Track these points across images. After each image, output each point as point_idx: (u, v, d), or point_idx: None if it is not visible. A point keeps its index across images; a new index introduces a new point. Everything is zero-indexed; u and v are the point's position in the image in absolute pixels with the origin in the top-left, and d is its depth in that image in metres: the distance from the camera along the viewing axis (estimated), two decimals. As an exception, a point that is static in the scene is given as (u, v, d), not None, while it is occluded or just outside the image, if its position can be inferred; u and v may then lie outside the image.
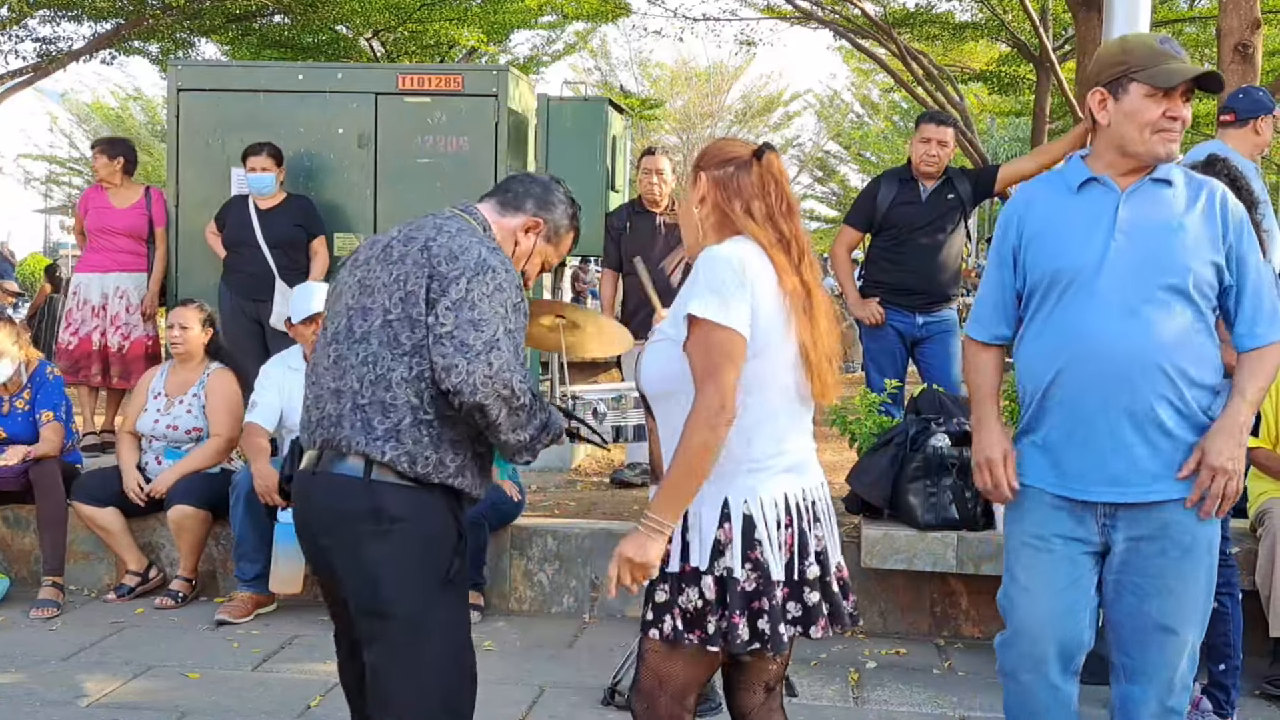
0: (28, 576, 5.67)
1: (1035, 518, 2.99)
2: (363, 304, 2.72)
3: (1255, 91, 5.22)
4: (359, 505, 2.67)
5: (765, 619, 2.54)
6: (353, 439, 2.67)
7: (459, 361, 2.59)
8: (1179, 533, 2.88)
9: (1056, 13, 14.50)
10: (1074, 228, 2.92)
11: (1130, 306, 2.83)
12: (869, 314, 5.96)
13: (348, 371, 2.69)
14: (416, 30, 15.42)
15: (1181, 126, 2.85)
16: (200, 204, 7.18)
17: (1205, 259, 2.84)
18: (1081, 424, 2.89)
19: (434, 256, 2.67)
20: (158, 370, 5.74)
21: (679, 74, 31.79)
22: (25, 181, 33.96)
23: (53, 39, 13.90)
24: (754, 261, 2.52)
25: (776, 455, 2.59)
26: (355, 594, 2.76)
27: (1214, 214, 2.87)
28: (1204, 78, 2.84)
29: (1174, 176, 2.90)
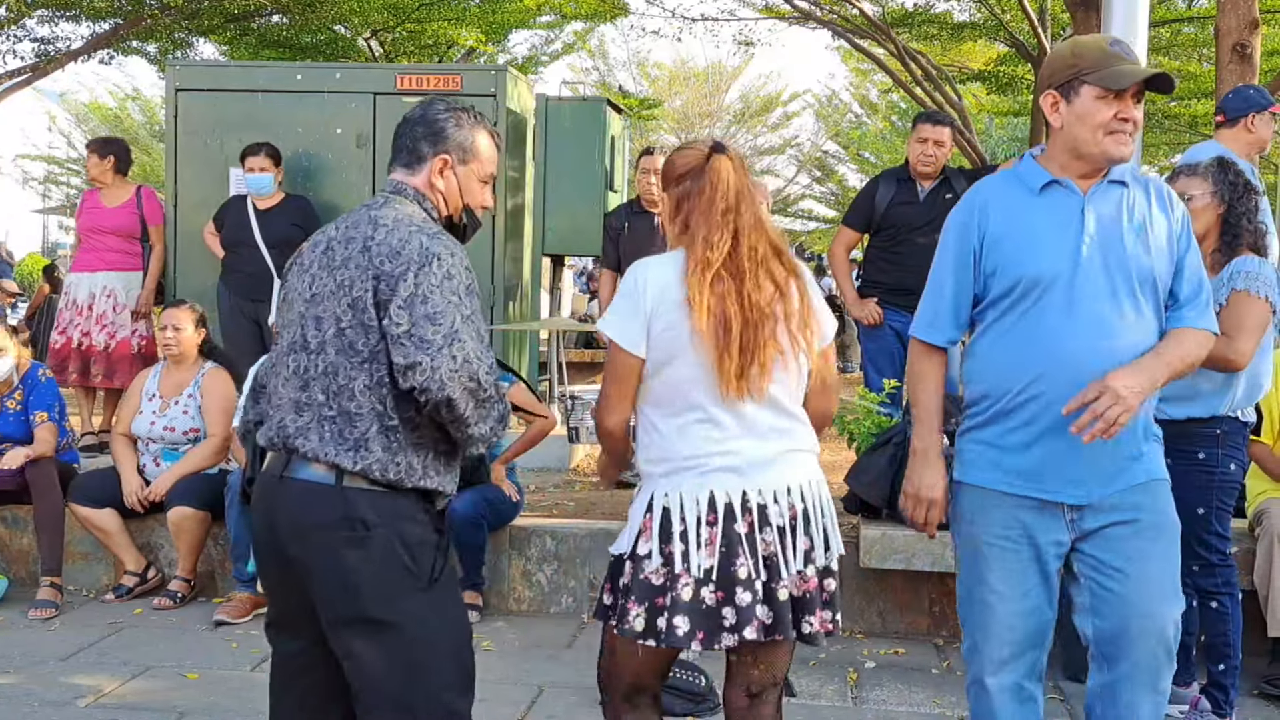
0: (26, 577, 5.67)
1: (999, 518, 2.97)
2: (314, 313, 2.66)
3: (1245, 90, 5.22)
4: (332, 513, 2.61)
5: (665, 615, 2.65)
6: (322, 450, 2.60)
7: (421, 359, 2.53)
8: (1148, 513, 2.91)
9: (1055, 12, 14.50)
10: (1041, 232, 2.90)
11: (1105, 313, 2.84)
12: (867, 314, 5.96)
13: (310, 383, 2.64)
14: (415, 30, 15.41)
15: (1133, 128, 2.84)
16: (198, 204, 7.18)
17: (1165, 258, 2.89)
18: (1054, 432, 2.87)
19: (375, 256, 2.60)
20: (150, 371, 5.73)
21: (677, 74, 31.78)
22: (23, 181, 33.98)
23: (51, 39, 13.89)
24: (659, 281, 2.69)
25: (712, 456, 2.69)
26: (331, 604, 2.65)
27: (1167, 212, 2.92)
28: (1155, 79, 2.84)
29: (1126, 177, 2.92)
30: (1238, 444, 4.08)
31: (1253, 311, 3.90)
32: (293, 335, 2.71)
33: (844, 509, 5.44)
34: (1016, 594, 2.96)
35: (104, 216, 7.04)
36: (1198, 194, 4.03)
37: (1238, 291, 3.92)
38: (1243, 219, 4.02)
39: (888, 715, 4.33)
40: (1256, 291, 3.91)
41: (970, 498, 3.04)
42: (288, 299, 2.76)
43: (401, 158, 2.82)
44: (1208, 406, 4.01)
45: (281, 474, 2.66)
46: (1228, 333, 3.88)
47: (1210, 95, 13.64)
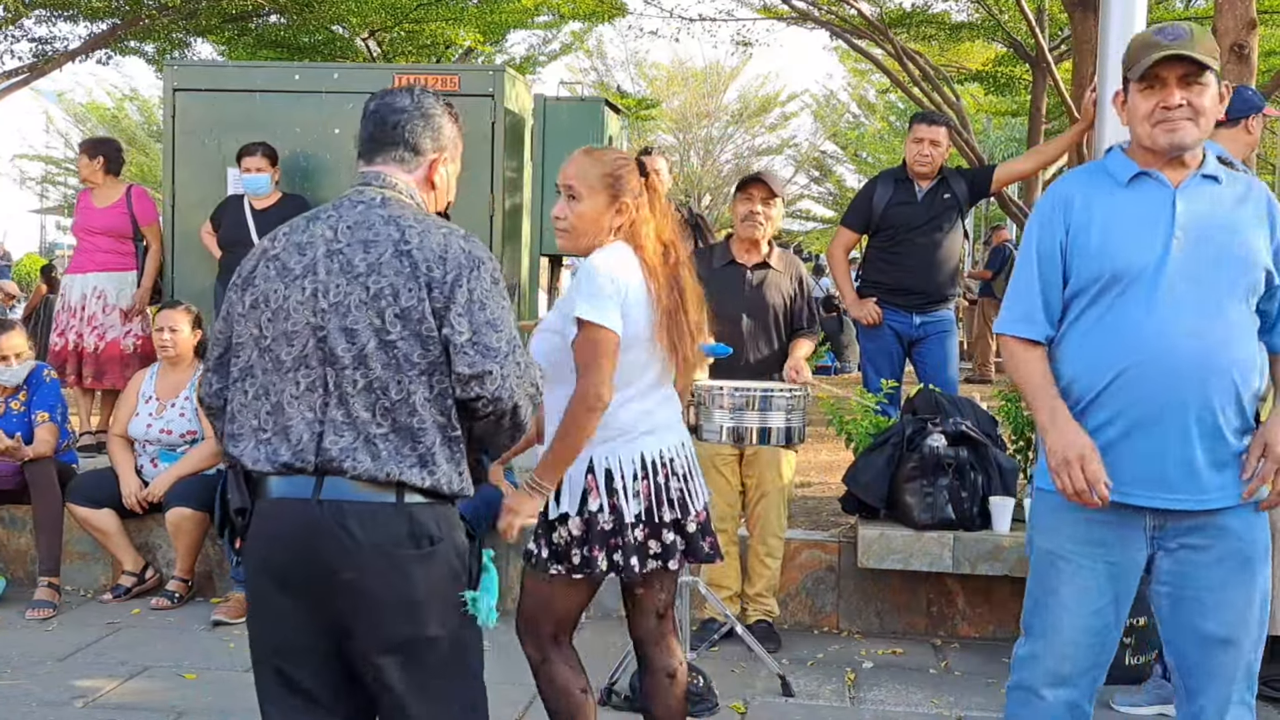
0: (24, 577, 5.67)
1: (1072, 531, 2.89)
2: (341, 324, 2.44)
3: (1245, 91, 5.23)
4: (397, 532, 2.45)
5: (620, 553, 3.11)
6: (379, 469, 2.43)
7: (491, 367, 2.44)
8: (1236, 540, 2.81)
9: (1053, 13, 14.50)
10: (1130, 224, 2.84)
11: (1196, 309, 2.78)
12: (866, 314, 5.96)
13: (347, 400, 2.44)
14: (413, 30, 15.41)
15: (1186, 112, 2.79)
16: (196, 204, 7.17)
17: (1258, 261, 2.82)
18: (1141, 428, 2.79)
19: (419, 263, 2.45)
20: (147, 373, 5.72)
21: (675, 74, 31.78)
22: (21, 181, 33.97)
23: (49, 39, 13.88)
24: (623, 268, 3.07)
25: (639, 424, 3.14)
26: (385, 625, 2.48)
27: (1262, 214, 2.86)
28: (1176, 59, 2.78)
29: (1219, 173, 2.87)
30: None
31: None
32: (300, 348, 2.47)
33: (842, 509, 5.45)
34: (1086, 611, 2.89)
35: (94, 217, 7.05)
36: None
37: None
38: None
39: (885, 715, 4.33)
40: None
41: (1046, 504, 2.93)
42: (273, 309, 2.50)
43: (394, 150, 2.63)
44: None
45: (317, 498, 2.45)
46: None
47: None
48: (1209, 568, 2.81)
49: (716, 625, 4.91)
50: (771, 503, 4.95)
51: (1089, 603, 2.89)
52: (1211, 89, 2.81)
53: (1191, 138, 2.81)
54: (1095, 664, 2.94)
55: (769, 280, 5.12)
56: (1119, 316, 2.82)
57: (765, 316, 5.07)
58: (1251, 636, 2.86)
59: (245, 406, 2.52)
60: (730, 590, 4.99)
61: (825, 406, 5.40)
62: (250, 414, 2.51)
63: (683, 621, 4.53)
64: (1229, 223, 2.83)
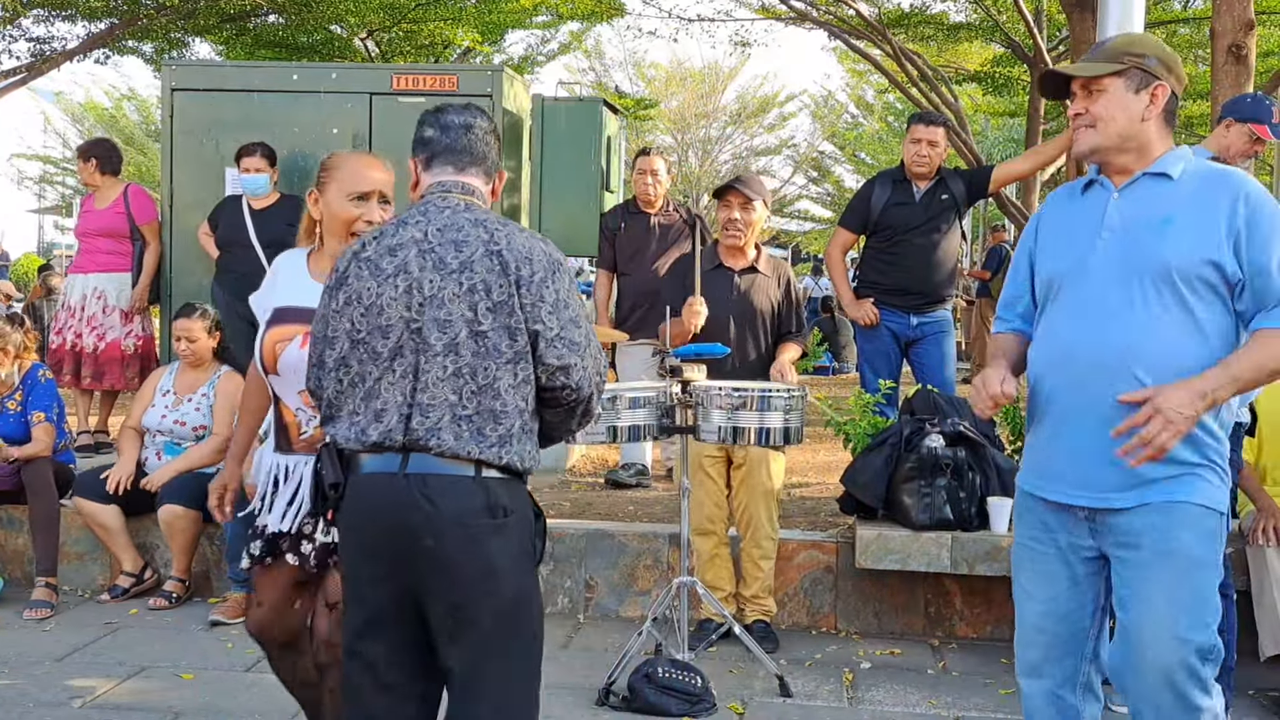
0: (21, 577, 5.66)
1: (1030, 520, 2.97)
2: (435, 316, 2.67)
3: (1245, 97, 5.26)
4: (476, 503, 2.67)
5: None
6: (462, 447, 2.65)
7: (575, 360, 2.70)
8: (1159, 540, 2.76)
9: (1051, 14, 14.50)
10: (1068, 231, 2.93)
11: (1107, 307, 2.79)
12: (863, 315, 5.96)
13: (436, 384, 2.66)
14: (411, 30, 15.38)
15: (1084, 120, 2.84)
16: (194, 204, 7.17)
17: (1197, 253, 2.74)
18: (1059, 427, 2.86)
19: (509, 262, 2.69)
20: (166, 370, 5.79)
21: (674, 74, 31.74)
22: (19, 181, 33.94)
23: (47, 39, 13.84)
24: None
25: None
26: (463, 593, 2.67)
27: (1223, 206, 2.77)
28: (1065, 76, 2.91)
29: (1174, 170, 2.84)
30: (1232, 445, 4.06)
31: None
32: (394, 340, 2.70)
33: (840, 509, 5.45)
34: (1044, 596, 2.93)
35: (93, 218, 7.09)
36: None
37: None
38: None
39: (883, 716, 4.33)
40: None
41: (1017, 500, 3.04)
42: (365, 304, 2.73)
43: (476, 162, 2.91)
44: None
45: (404, 471, 2.67)
46: None
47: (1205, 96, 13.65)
48: (1138, 568, 2.79)
49: (714, 625, 4.91)
50: (762, 504, 4.95)
51: (1045, 587, 2.93)
52: (1111, 94, 2.81)
53: (1090, 144, 2.85)
54: (1068, 652, 2.92)
55: (756, 284, 5.13)
56: (1049, 321, 2.93)
57: (752, 320, 5.08)
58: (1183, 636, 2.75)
59: (340, 393, 2.76)
60: (724, 591, 4.99)
61: (824, 407, 5.40)
62: (345, 399, 2.76)
63: (680, 622, 4.54)
64: (1160, 218, 2.78)
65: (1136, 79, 2.82)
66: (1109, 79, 2.82)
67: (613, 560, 5.40)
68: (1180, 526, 2.76)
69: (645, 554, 5.39)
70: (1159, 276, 2.76)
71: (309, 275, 3.30)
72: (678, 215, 6.76)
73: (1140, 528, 2.77)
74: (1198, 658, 2.76)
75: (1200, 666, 2.77)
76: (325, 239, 3.34)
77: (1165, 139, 2.87)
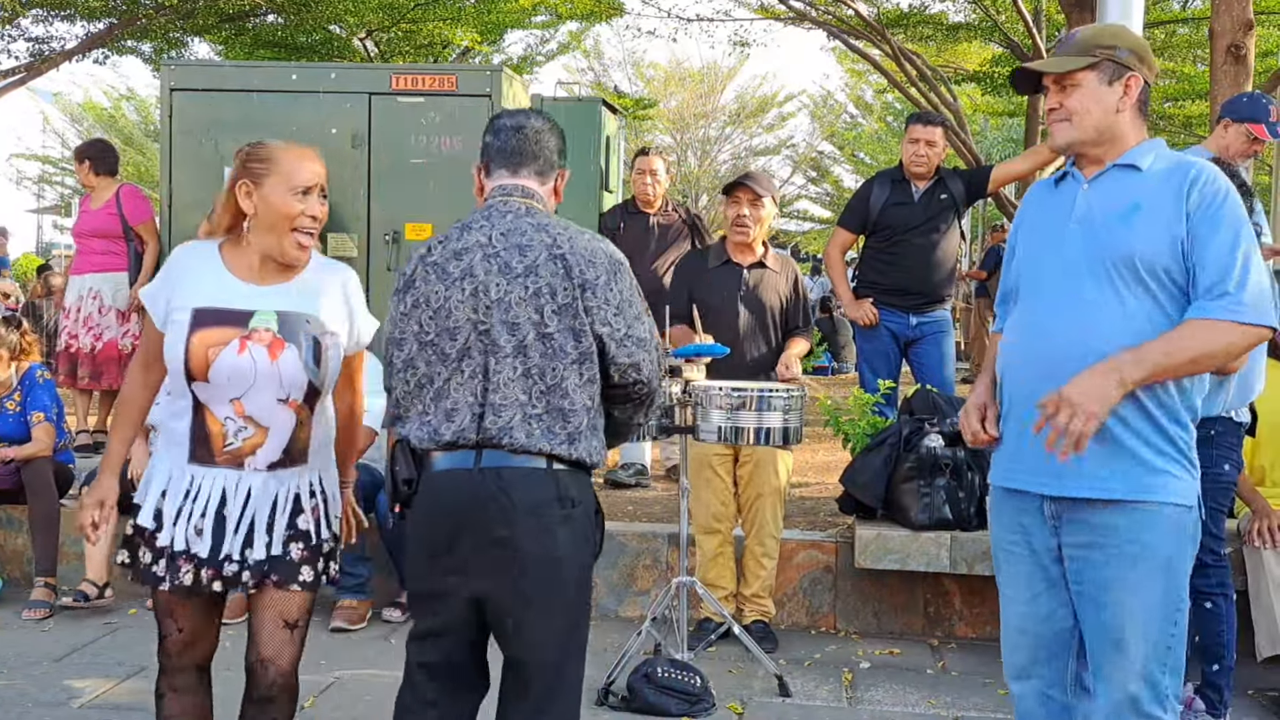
0: (20, 577, 5.66)
1: (1005, 520, 2.94)
2: (504, 319, 2.76)
3: (1242, 97, 5.27)
4: (547, 493, 2.76)
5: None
6: (533, 444, 2.75)
7: (643, 356, 2.82)
8: (1122, 540, 2.71)
9: (1050, 13, 14.51)
10: (1040, 224, 2.93)
11: (1074, 299, 2.77)
12: (862, 315, 5.96)
13: (505, 385, 2.76)
14: (410, 30, 15.39)
15: (1060, 115, 2.83)
16: (193, 204, 7.16)
17: (1160, 243, 2.71)
18: (1017, 416, 2.84)
19: (572, 266, 2.77)
20: None
21: (673, 74, 31.74)
22: (18, 182, 33.93)
23: (45, 38, 13.86)
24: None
25: None
26: (530, 582, 2.76)
27: (1181, 192, 2.72)
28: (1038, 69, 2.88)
29: (1144, 161, 2.81)
30: (1232, 444, 4.08)
31: (1247, 312, 3.89)
32: (462, 341, 2.79)
33: (839, 509, 5.45)
34: (1024, 597, 2.91)
35: (89, 219, 7.13)
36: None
37: (1232, 292, 3.92)
38: (1237, 219, 4.02)
39: (883, 716, 4.33)
40: (1250, 292, 3.91)
41: (991, 497, 3.04)
42: (434, 308, 2.81)
43: (533, 164, 2.95)
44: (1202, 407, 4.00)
45: (479, 466, 2.76)
46: None
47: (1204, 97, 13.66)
48: (1100, 566, 2.75)
49: (713, 625, 4.91)
50: (767, 503, 4.95)
51: (1024, 589, 2.91)
52: (1085, 88, 2.80)
53: (1066, 139, 2.84)
54: (1054, 653, 2.90)
55: (765, 280, 5.14)
56: (1019, 313, 2.93)
57: (762, 316, 5.09)
58: (1146, 642, 2.73)
59: (409, 393, 2.84)
60: (725, 590, 4.99)
61: (823, 407, 5.40)
62: (414, 399, 2.83)
63: (679, 621, 4.54)
64: (1127, 208, 2.76)
65: (1109, 71, 2.80)
66: (1082, 73, 2.80)
67: (612, 560, 5.39)
68: (1146, 527, 2.71)
69: (644, 554, 5.40)
70: (1125, 267, 2.73)
71: (229, 272, 3.02)
72: (676, 215, 6.76)
73: (1106, 525, 2.73)
74: (1159, 668, 2.74)
75: (1159, 676, 2.74)
76: (255, 234, 3.03)
77: (1139, 130, 2.84)
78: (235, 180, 3.04)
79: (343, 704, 4.30)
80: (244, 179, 3.03)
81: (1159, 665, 2.75)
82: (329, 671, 4.58)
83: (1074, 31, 2.91)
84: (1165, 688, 2.76)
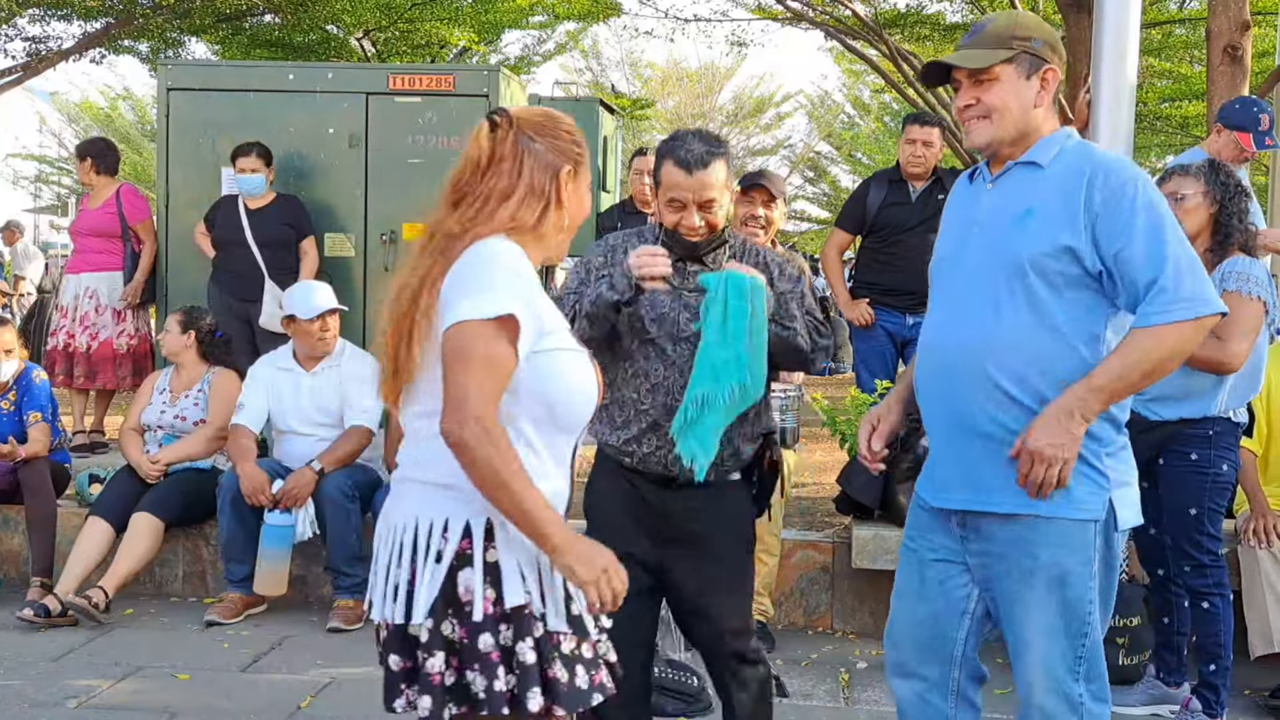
0: (16, 577, 5.65)
1: (913, 520, 2.88)
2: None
3: (1235, 103, 5.29)
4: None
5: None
6: None
7: None
8: (1019, 555, 2.63)
9: (1047, 14, 14.52)
10: (949, 224, 2.85)
11: (968, 304, 2.66)
12: (859, 315, 5.96)
13: None
14: (407, 30, 15.37)
15: (977, 111, 2.67)
16: (190, 204, 7.16)
17: (1052, 244, 2.58)
18: (931, 426, 2.77)
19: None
20: (163, 372, 5.84)
21: (670, 74, 31.78)
22: (14, 181, 33.87)
23: (42, 38, 13.83)
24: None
25: None
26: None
27: (1077, 190, 2.59)
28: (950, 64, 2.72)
29: (1046, 157, 2.66)
30: (1230, 444, 4.08)
31: (1246, 313, 3.90)
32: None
33: (836, 510, 5.45)
34: (912, 596, 2.85)
35: (86, 218, 7.13)
36: (1190, 194, 4.05)
37: (1230, 293, 3.92)
38: (1234, 219, 4.03)
39: (880, 716, 4.33)
40: (1249, 292, 3.92)
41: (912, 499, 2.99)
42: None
43: None
44: (1199, 407, 4.02)
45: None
46: (1220, 334, 3.88)
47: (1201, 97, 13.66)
48: (1002, 579, 2.68)
49: (711, 625, 4.90)
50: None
51: (914, 592, 2.84)
52: (1004, 82, 2.64)
53: (986, 138, 2.68)
54: (935, 657, 2.81)
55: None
56: (926, 318, 2.83)
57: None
58: (1051, 656, 2.66)
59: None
60: (724, 590, 4.98)
61: (819, 407, 5.40)
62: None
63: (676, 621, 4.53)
64: (1026, 212, 2.62)
65: (1027, 64, 2.64)
66: (1000, 66, 2.63)
67: (609, 560, 5.38)
68: (1044, 543, 2.62)
69: (641, 554, 5.39)
70: (1015, 272, 2.60)
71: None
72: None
73: (1005, 540, 2.65)
74: (1070, 678, 2.67)
75: (1072, 686, 2.67)
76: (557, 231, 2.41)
77: (1051, 124, 2.70)
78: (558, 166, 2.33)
79: (340, 703, 4.30)
80: (567, 164, 2.35)
81: (1070, 675, 2.66)
82: (326, 671, 4.58)
83: (984, 21, 2.74)
84: (1079, 695, 2.67)
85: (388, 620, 2.24)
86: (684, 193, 3.16)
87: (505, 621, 2.18)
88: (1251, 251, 4.09)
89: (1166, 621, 4.32)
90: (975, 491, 2.67)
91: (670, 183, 3.17)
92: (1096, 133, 5.29)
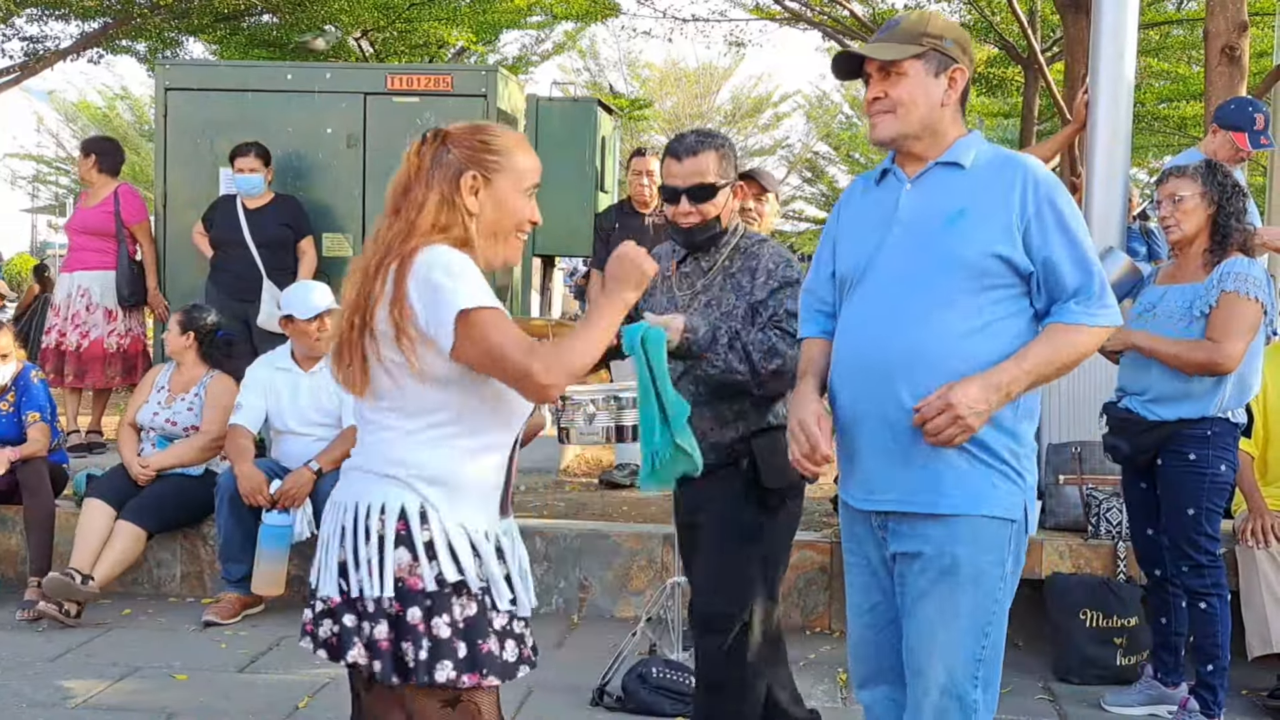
0: (14, 577, 5.65)
1: (846, 530, 2.86)
2: None
3: (1230, 103, 5.30)
4: None
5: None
6: None
7: None
8: (935, 553, 2.62)
9: (1045, 14, 14.54)
10: (861, 224, 2.79)
11: (894, 306, 2.64)
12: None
13: None
14: (405, 30, 15.38)
15: (883, 105, 2.67)
16: (188, 203, 7.17)
17: (986, 247, 2.58)
18: (851, 429, 2.72)
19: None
20: (164, 367, 5.80)
21: (668, 75, 31.78)
22: (12, 181, 33.85)
23: (40, 38, 13.83)
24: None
25: None
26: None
27: (1011, 195, 2.60)
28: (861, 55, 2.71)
29: (966, 158, 2.67)
30: (1228, 445, 4.08)
31: (1243, 313, 3.91)
32: None
33: (834, 509, 5.45)
34: (864, 608, 2.83)
35: (83, 216, 7.10)
36: (1187, 195, 4.04)
37: (1227, 293, 3.93)
38: (1232, 220, 4.03)
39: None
40: (1246, 292, 3.92)
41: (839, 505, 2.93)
42: None
43: None
44: (1198, 407, 4.02)
45: None
46: (1218, 335, 3.88)
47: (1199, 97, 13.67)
48: (916, 576, 2.66)
49: (709, 626, 4.91)
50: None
51: (865, 599, 2.83)
52: (911, 78, 2.64)
53: (891, 132, 2.68)
54: (897, 659, 2.77)
55: None
56: (843, 319, 2.78)
57: None
58: (952, 655, 2.64)
59: None
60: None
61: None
62: None
63: (674, 622, 4.54)
64: (958, 213, 2.61)
65: (935, 62, 2.65)
66: (909, 62, 2.64)
67: (607, 561, 5.39)
68: (957, 540, 2.61)
69: (640, 554, 5.39)
70: (947, 273, 2.60)
71: None
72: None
73: (925, 538, 2.64)
74: (968, 681, 2.66)
75: (969, 690, 2.66)
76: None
77: (958, 125, 2.70)
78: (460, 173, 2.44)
79: (338, 704, 4.30)
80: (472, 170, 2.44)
81: (969, 679, 2.66)
82: (324, 671, 4.58)
83: (897, 18, 2.76)
84: (975, 701, 2.67)
85: (331, 597, 2.42)
86: (674, 179, 3.30)
87: (432, 598, 2.38)
88: (1249, 251, 4.09)
89: (1164, 622, 4.32)
90: (904, 491, 2.66)
91: (664, 172, 3.35)
92: (1094, 132, 5.30)
